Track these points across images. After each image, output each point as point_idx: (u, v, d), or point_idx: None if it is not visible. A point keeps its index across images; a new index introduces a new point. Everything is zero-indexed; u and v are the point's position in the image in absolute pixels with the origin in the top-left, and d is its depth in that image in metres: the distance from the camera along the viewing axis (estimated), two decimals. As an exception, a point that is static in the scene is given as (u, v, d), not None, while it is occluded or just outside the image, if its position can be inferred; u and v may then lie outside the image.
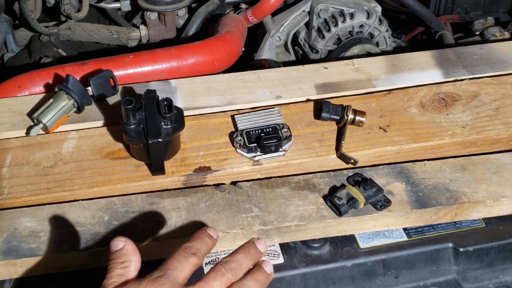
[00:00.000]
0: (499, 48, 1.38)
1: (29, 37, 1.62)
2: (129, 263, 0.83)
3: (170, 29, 1.65)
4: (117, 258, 0.83)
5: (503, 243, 1.08)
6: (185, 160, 1.12)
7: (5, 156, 1.13)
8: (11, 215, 1.04)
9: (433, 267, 1.07)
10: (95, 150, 1.14)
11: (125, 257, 0.83)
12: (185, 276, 0.81)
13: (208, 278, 0.81)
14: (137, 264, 0.83)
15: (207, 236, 0.86)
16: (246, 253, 0.85)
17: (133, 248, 0.84)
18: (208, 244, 0.86)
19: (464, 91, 1.26)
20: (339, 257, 1.04)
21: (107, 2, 1.72)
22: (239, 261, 0.84)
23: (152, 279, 0.79)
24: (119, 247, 0.84)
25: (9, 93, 1.26)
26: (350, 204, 1.04)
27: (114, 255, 0.83)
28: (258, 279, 0.84)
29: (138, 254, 0.84)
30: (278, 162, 1.12)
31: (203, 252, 0.84)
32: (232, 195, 1.08)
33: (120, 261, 0.82)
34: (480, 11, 1.80)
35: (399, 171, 1.12)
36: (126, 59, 1.31)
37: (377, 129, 1.18)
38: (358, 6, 1.53)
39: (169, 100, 1.07)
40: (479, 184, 1.10)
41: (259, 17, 1.61)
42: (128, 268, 0.82)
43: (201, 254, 0.84)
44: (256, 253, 0.86)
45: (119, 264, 0.82)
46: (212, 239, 0.87)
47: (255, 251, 0.86)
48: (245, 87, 1.27)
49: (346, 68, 1.32)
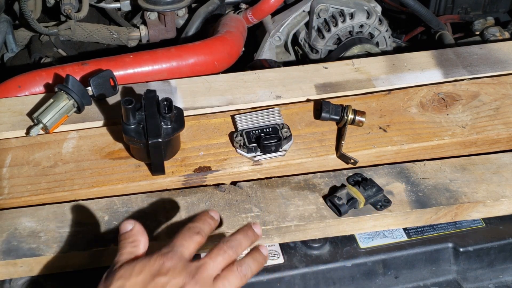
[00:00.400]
0: (499, 48, 1.38)
1: (29, 37, 1.62)
2: (139, 242, 0.88)
3: (170, 29, 1.65)
4: (127, 238, 0.89)
5: (503, 243, 1.08)
6: (185, 160, 1.12)
7: (5, 156, 1.13)
8: (11, 215, 1.04)
9: (433, 267, 1.07)
10: (95, 150, 1.14)
11: (134, 237, 0.89)
12: (191, 252, 0.87)
13: (211, 254, 0.88)
14: (145, 244, 0.89)
15: (209, 218, 0.93)
16: (245, 234, 0.92)
17: (142, 230, 0.90)
18: (211, 224, 0.92)
19: (464, 91, 1.26)
20: (339, 257, 1.04)
21: (107, 2, 1.72)
22: (239, 240, 0.90)
23: (161, 254, 0.85)
24: (129, 229, 0.90)
25: (9, 93, 1.26)
26: (350, 204, 1.04)
27: (124, 236, 0.89)
28: (256, 259, 0.91)
29: (146, 235, 0.90)
30: (278, 162, 1.12)
31: (206, 232, 0.91)
32: (232, 195, 1.08)
33: (130, 241, 0.88)
34: (480, 11, 1.80)
35: (399, 171, 1.12)
36: (126, 59, 1.31)
37: (377, 129, 1.18)
38: (358, 6, 1.53)
39: (169, 100, 1.07)
40: (479, 184, 1.10)
41: (259, 17, 1.61)
42: (138, 247, 0.88)
43: (204, 233, 0.90)
44: (254, 235, 0.93)
45: (130, 244, 0.88)
46: (214, 220, 0.93)
47: (252, 233, 0.93)
48: (245, 87, 1.27)
49: (346, 68, 1.32)
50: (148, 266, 0.83)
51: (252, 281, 1.01)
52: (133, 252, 0.87)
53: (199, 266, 0.85)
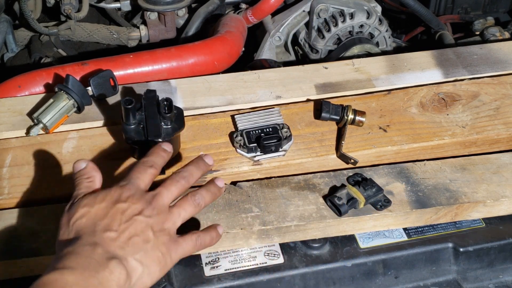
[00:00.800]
0: (499, 48, 1.38)
1: (29, 37, 1.62)
2: (94, 178, 0.94)
3: (170, 29, 1.65)
4: (82, 175, 0.94)
5: (503, 243, 1.08)
6: (185, 160, 1.12)
7: (5, 156, 1.13)
8: (11, 215, 1.04)
9: (433, 267, 1.07)
10: (95, 150, 1.14)
11: (89, 173, 0.94)
12: (146, 184, 0.94)
13: (165, 184, 0.94)
14: (100, 179, 0.95)
15: (162, 150, 0.98)
16: (195, 164, 0.99)
17: (95, 167, 0.95)
18: (164, 157, 0.98)
19: (464, 91, 1.26)
20: (339, 257, 1.04)
21: (107, 2, 1.72)
22: (190, 171, 0.97)
23: (119, 186, 0.92)
24: (83, 167, 0.95)
25: (9, 93, 1.26)
26: (350, 204, 1.04)
27: (80, 173, 0.95)
28: (210, 190, 0.98)
29: (99, 172, 0.95)
30: (278, 162, 1.12)
31: (160, 164, 0.97)
32: (232, 195, 1.08)
33: (85, 177, 0.94)
34: (480, 11, 1.80)
35: (399, 171, 1.12)
36: (126, 59, 1.31)
37: (377, 129, 1.18)
38: (358, 6, 1.53)
39: (169, 100, 1.07)
40: (479, 184, 1.10)
41: (259, 17, 1.61)
42: (94, 182, 0.94)
43: (157, 166, 0.96)
44: (205, 165, 1.00)
45: (85, 179, 0.94)
46: (167, 152, 0.99)
47: (203, 163, 1.00)
48: (245, 87, 1.27)
49: (346, 68, 1.32)
50: (109, 195, 0.90)
51: (252, 281, 1.01)
52: (90, 186, 0.93)
53: (155, 195, 0.92)
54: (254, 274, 1.02)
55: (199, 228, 1.02)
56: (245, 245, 1.04)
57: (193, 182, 0.97)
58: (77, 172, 0.95)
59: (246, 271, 1.02)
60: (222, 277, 1.01)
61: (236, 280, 1.01)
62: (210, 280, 1.01)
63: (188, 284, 1.00)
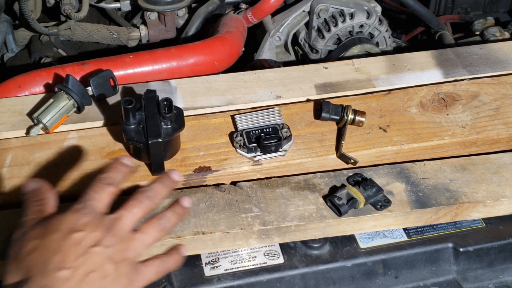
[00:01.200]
0: (499, 48, 1.38)
1: (29, 37, 1.62)
2: (46, 200, 0.84)
3: (170, 29, 1.65)
4: (32, 197, 0.85)
5: (503, 243, 1.08)
6: (185, 160, 1.12)
7: (5, 156, 1.13)
8: (11, 215, 1.04)
9: (433, 267, 1.07)
10: (95, 150, 1.14)
11: (41, 195, 0.85)
12: (104, 204, 0.85)
13: (127, 205, 0.85)
14: (54, 200, 0.85)
15: (121, 165, 0.89)
16: (161, 182, 0.89)
17: (48, 187, 0.86)
18: (123, 172, 0.89)
19: (464, 91, 1.26)
20: (339, 257, 1.04)
21: (107, 2, 1.72)
22: (156, 189, 0.88)
23: (73, 210, 0.82)
24: (32, 188, 0.86)
25: (9, 93, 1.26)
26: (350, 204, 1.04)
27: (29, 195, 0.85)
28: (176, 211, 0.89)
29: (54, 192, 0.86)
30: (278, 162, 1.12)
31: (119, 181, 0.88)
32: (232, 195, 1.08)
33: (36, 199, 0.84)
34: (480, 11, 1.80)
35: (399, 171, 1.12)
36: (126, 59, 1.31)
37: (377, 129, 1.18)
38: (358, 6, 1.53)
39: (169, 100, 1.07)
40: (479, 184, 1.10)
41: (259, 17, 1.61)
42: (46, 205, 0.84)
43: (116, 183, 0.87)
44: (171, 182, 0.91)
45: (36, 202, 0.84)
46: (127, 166, 0.90)
47: (170, 180, 0.90)
48: (245, 87, 1.27)
49: (346, 68, 1.32)
50: (62, 223, 0.80)
51: (252, 281, 1.01)
52: (41, 210, 0.83)
53: (115, 219, 0.83)
54: (254, 274, 1.02)
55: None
56: (245, 245, 1.04)
57: (159, 201, 0.88)
58: (26, 193, 0.85)
59: (246, 271, 1.02)
60: (222, 277, 1.01)
61: (236, 280, 1.01)
62: (210, 280, 1.01)
63: (188, 284, 1.00)
